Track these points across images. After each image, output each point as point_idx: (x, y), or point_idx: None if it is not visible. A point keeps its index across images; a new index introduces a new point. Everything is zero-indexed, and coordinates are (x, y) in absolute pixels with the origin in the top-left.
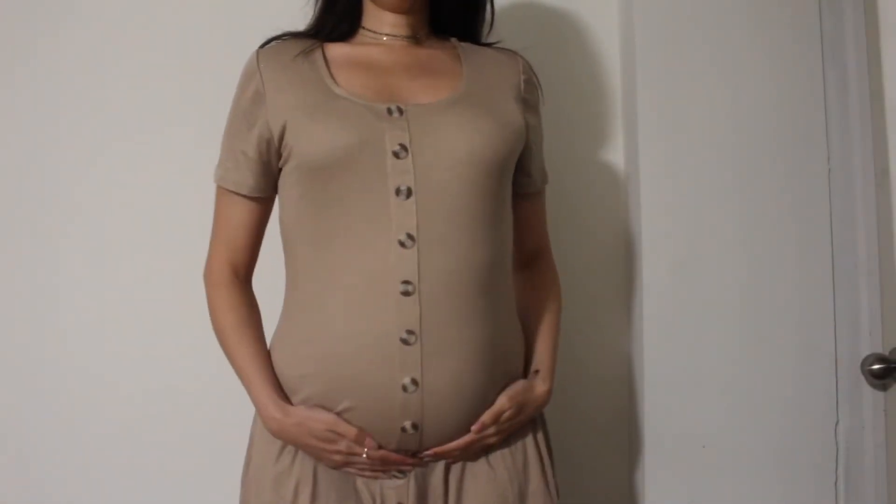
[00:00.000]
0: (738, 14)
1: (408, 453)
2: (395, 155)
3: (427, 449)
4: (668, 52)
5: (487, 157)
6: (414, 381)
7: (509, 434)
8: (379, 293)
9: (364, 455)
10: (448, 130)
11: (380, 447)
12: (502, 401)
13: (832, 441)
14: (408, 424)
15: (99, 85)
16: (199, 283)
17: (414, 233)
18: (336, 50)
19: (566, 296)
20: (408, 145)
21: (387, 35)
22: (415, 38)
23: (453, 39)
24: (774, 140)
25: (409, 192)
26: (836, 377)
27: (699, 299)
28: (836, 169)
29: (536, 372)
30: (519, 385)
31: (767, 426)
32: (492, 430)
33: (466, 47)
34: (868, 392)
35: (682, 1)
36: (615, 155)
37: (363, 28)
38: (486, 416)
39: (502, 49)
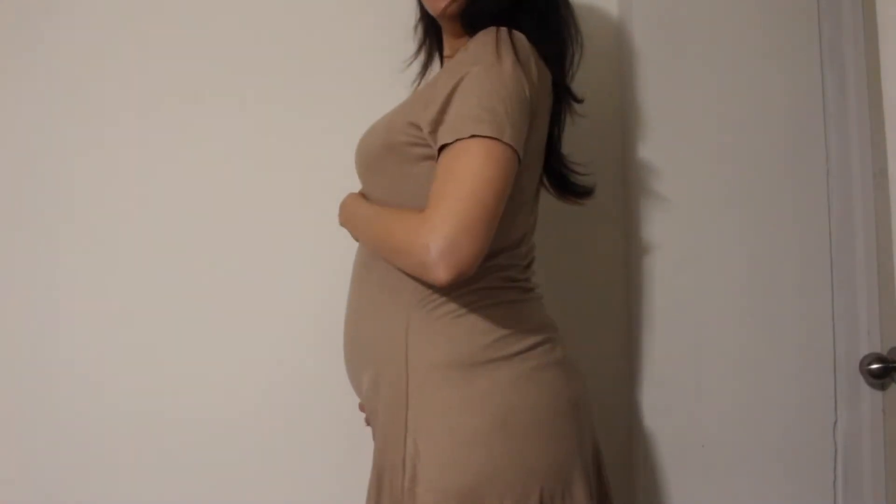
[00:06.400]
0: (737, 15)
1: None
2: None
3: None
4: (667, 51)
5: (360, 154)
6: None
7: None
8: None
9: None
10: None
11: None
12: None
13: (831, 440)
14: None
15: (98, 84)
16: (199, 283)
17: None
18: None
19: (566, 296)
20: None
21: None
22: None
23: None
24: (773, 140)
25: None
26: (835, 377)
27: (698, 299)
28: (835, 169)
29: None
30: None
31: (766, 426)
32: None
33: None
34: (866, 391)
35: (680, 1)
36: (615, 155)
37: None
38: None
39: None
